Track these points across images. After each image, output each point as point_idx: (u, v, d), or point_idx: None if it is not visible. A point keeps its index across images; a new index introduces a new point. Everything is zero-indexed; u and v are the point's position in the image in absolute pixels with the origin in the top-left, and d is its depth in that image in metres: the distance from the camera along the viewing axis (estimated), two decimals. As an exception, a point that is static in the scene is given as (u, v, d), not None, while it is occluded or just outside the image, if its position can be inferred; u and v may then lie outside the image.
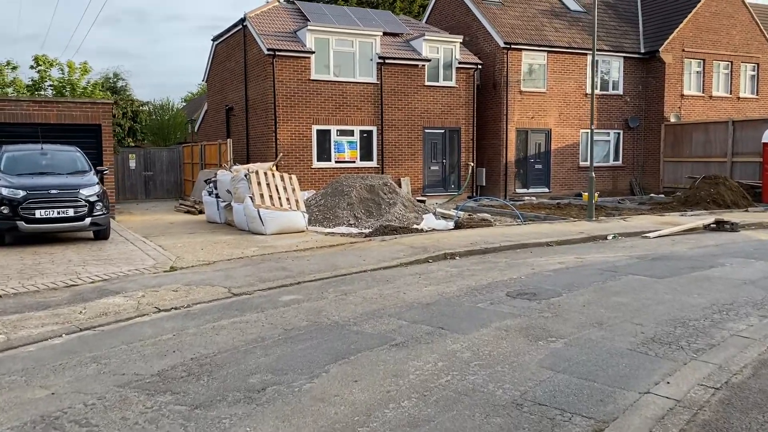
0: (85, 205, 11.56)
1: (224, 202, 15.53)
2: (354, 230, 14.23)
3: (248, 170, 14.34)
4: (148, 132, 32.04)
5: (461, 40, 22.82)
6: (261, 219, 13.38)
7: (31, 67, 29.02)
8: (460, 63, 22.52)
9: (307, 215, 14.19)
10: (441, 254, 10.70)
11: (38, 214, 11.17)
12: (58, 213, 11.31)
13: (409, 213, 15.39)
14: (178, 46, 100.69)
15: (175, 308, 7.36)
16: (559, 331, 6.20)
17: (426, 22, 26.64)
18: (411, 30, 23.41)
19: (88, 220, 11.63)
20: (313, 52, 20.32)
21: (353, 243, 12.05)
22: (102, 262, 10.02)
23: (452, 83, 22.59)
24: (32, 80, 29.14)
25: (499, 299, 7.50)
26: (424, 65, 21.98)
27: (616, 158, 25.64)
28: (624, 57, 25.12)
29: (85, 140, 16.44)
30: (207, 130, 28.69)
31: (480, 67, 22.98)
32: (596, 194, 17.87)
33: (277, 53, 19.85)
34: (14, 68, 29.69)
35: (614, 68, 25.19)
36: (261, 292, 8.20)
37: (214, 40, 25.87)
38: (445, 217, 16.31)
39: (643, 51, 25.33)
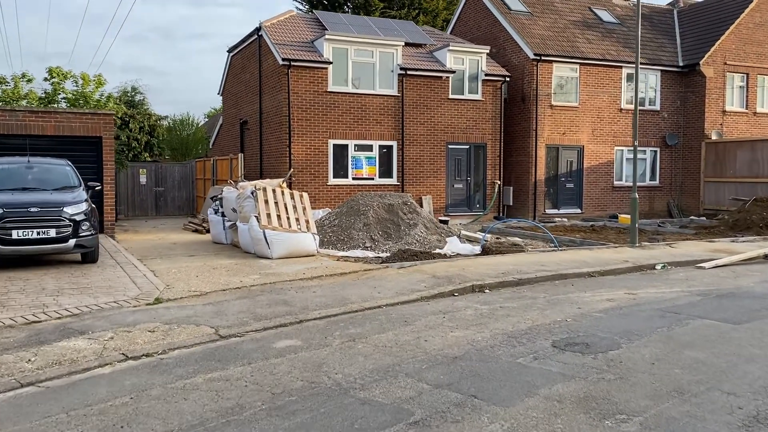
0: (69, 225, 10.31)
1: (230, 221, 14.30)
2: (370, 254, 12.85)
3: (255, 187, 13.08)
4: (166, 147, 31.11)
5: (488, 51, 21.46)
6: (267, 241, 12.07)
7: (45, 79, 28.29)
8: (486, 75, 21.14)
9: (318, 237, 12.85)
10: (468, 286, 9.28)
11: (15, 234, 9.94)
12: (38, 234, 10.07)
13: (430, 235, 13.98)
14: (202, 62, 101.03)
15: (147, 355, 6.05)
16: (628, 403, 4.74)
17: (450, 34, 25.37)
18: (435, 41, 22.12)
19: (72, 242, 10.37)
20: (331, 63, 19.12)
21: (368, 270, 10.66)
22: (79, 291, 8.76)
23: (478, 96, 21.22)
24: (45, 92, 28.44)
25: (544, 352, 6.04)
26: (448, 77, 20.65)
27: (652, 178, 23.97)
28: (661, 70, 23.54)
29: (85, 153, 15.44)
30: (222, 144, 27.64)
31: (508, 79, 21.58)
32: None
33: (292, 63, 18.68)
34: (29, 81, 29.01)
35: (651, 82, 23.61)
36: (254, 333, 6.85)
37: (229, 51, 24.85)
38: (470, 240, 14.86)
39: (681, 64, 23.74)
